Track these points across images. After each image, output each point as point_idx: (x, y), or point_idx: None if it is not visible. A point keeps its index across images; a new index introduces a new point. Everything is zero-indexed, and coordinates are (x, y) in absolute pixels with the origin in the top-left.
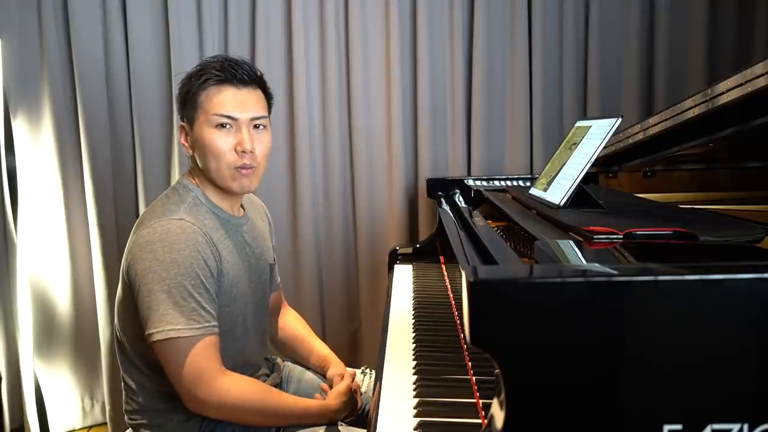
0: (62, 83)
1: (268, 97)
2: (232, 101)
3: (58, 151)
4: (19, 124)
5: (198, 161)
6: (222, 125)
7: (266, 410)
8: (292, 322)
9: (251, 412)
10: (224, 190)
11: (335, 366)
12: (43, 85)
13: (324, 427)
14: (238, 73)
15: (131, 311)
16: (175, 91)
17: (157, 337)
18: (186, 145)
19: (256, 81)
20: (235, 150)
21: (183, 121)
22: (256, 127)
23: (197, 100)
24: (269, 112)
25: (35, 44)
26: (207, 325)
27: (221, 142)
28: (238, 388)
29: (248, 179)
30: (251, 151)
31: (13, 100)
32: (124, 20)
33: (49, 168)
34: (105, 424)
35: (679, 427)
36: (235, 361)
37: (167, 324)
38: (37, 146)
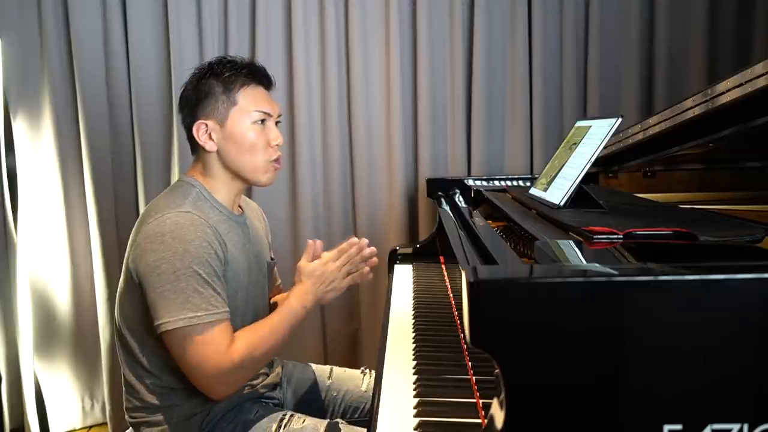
0: (62, 83)
1: None
2: (267, 99)
3: (58, 151)
4: (19, 124)
5: (225, 156)
6: (261, 121)
7: (269, 342)
8: None
9: (263, 354)
10: (247, 183)
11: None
12: (43, 85)
13: (325, 423)
14: (266, 77)
15: (137, 304)
16: (176, 90)
17: (179, 324)
18: (211, 141)
19: (273, 86)
20: (269, 145)
21: (201, 118)
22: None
23: (233, 96)
24: None
25: (35, 44)
26: (224, 310)
27: (260, 137)
28: (244, 349)
29: (275, 173)
30: (280, 146)
31: (13, 100)
32: (124, 20)
33: (49, 168)
34: (105, 424)
35: (679, 427)
36: None
37: (188, 311)
38: (37, 146)
